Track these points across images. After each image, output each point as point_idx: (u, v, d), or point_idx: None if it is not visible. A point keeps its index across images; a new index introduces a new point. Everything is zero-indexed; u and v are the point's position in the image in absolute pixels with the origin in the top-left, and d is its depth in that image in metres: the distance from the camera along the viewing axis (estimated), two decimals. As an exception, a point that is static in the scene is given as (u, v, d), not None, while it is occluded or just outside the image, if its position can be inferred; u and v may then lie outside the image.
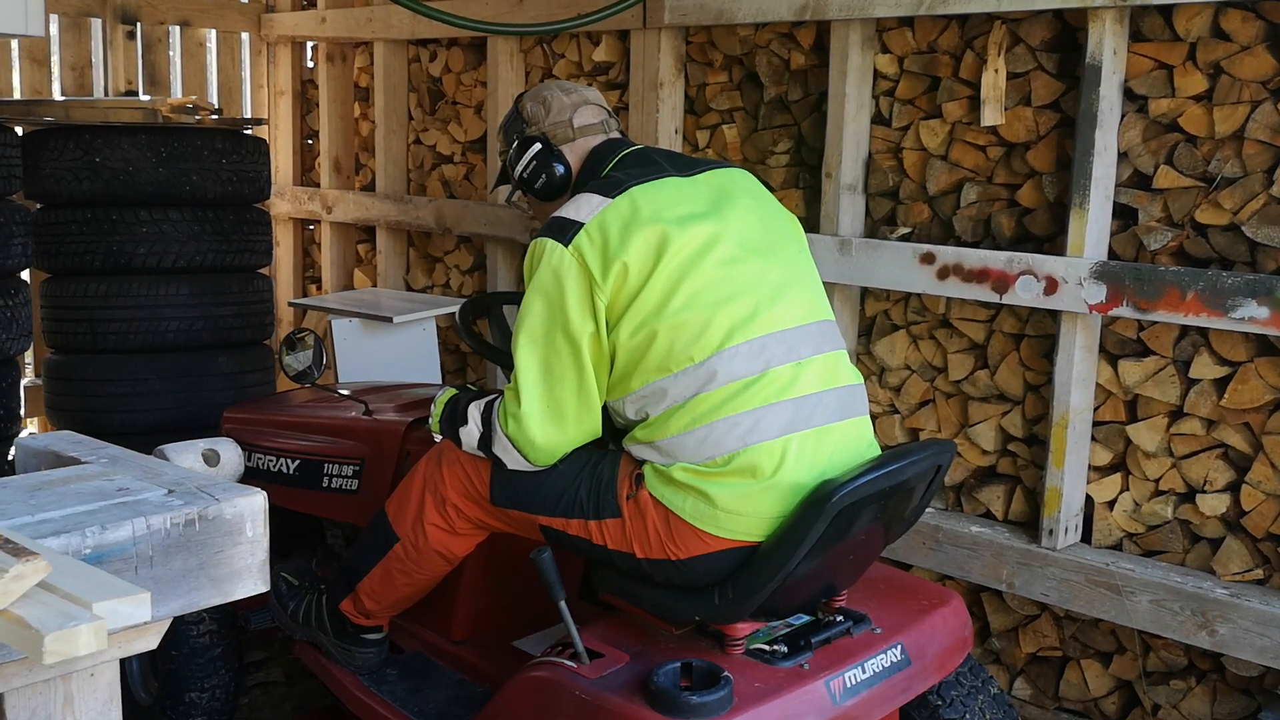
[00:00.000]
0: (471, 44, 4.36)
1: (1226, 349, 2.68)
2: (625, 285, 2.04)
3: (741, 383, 2.01)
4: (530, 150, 2.36)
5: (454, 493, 2.30)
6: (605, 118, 2.42)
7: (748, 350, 2.03)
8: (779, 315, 2.08)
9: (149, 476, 1.48)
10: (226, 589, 1.39)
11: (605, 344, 2.07)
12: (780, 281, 2.13)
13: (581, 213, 2.11)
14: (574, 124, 2.37)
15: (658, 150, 2.35)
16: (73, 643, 1.04)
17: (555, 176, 2.35)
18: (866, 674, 2.08)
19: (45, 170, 3.81)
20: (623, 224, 2.06)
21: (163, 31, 4.91)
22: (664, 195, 2.13)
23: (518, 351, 2.12)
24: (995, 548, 2.97)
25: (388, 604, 2.45)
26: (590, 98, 2.43)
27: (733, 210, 2.16)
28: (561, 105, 2.38)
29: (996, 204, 3.05)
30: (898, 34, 3.16)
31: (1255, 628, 2.58)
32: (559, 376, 2.09)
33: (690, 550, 2.02)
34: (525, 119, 2.40)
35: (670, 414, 2.03)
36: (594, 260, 2.05)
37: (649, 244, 2.05)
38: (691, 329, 2.02)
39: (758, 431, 2.00)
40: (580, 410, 2.11)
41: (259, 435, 2.97)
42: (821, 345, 2.13)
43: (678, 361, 2.02)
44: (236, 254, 4.01)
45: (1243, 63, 2.62)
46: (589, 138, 2.38)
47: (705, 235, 2.08)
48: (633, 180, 2.15)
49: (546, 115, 2.38)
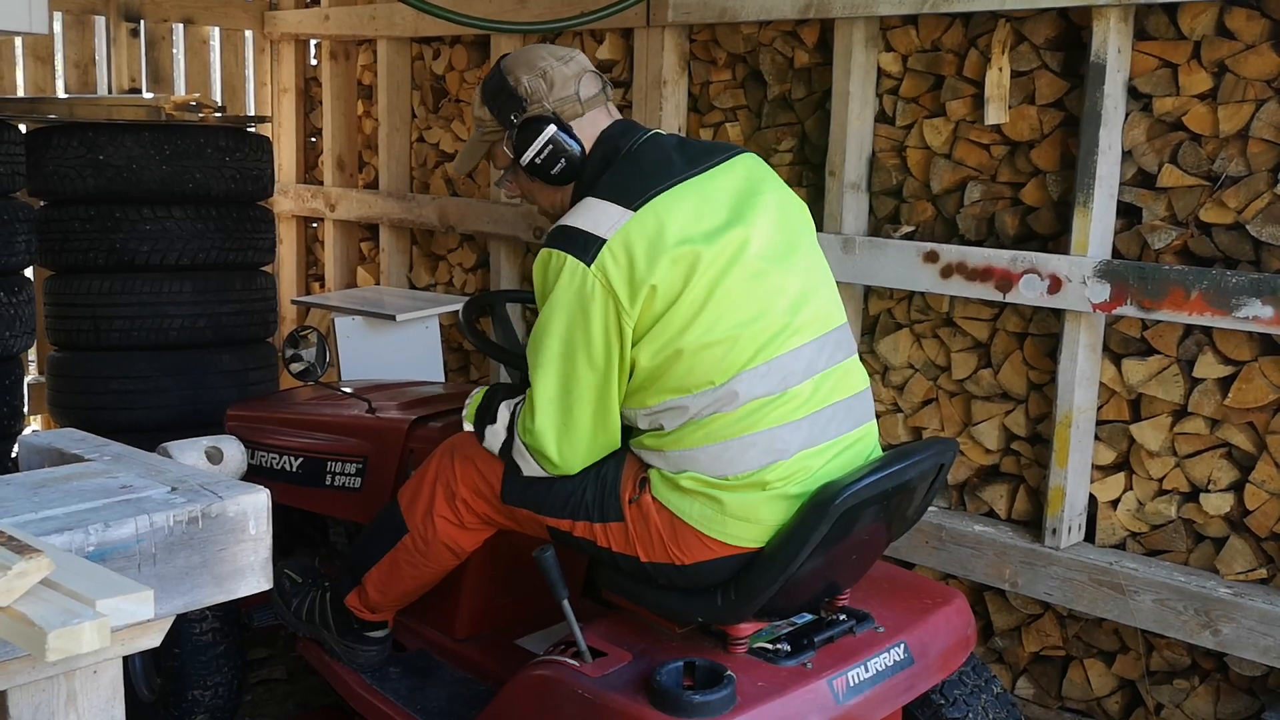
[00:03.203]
0: (475, 42, 4.36)
1: (1230, 348, 2.68)
2: (652, 307, 1.97)
3: (760, 401, 1.99)
4: (544, 134, 2.17)
5: (465, 488, 2.29)
6: (603, 85, 2.27)
7: (767, 370, 2.00)
8: (799, 330, 2.05)
9: (152, 474, 1.48)
10: (229, 586, 1.40)
11: (628, 362, 2.03)
12: (800, 291, 2.09)
13: (601, 226, 2.00)
14: (580, 97, 2.21)
15: (669, 138, 2.23)
16: (76, 640, 1.04)
17: (573, 158, 2.18)
18: (869, 673, 2.09)
19: (49, 167, 3.82)
20: (649, 244, 1.97)
21: (166, 29, 4.91)
22: (686, 208, 2.03)
23: (535, 370, 2.06)
24: (998, 547, 2.97)
25: (393, 597, 2.45)
26: (585, 63, 2.26)
27: (753, 210, 2.08)
28: (564, 78, 2.20)
29: (1000, 202, 3.05)
30: (901, 32, 3.16)
31: (1259, 627, 2.58)
32: (577, 396, 2.05)
33: (694, 555, 2.02)
34: (525, 95, 2.20)
35: (685, 428, 2.02)
36: (620, 284, 1.96)
37: (678, 267, 1.97)
38: (717, 351, 1.98)
39: (773, 452, 1.99)
40: (597, 428, 2.08)
41: (262, 433, 2.98)
42: (836, 355, 2.12)
43: (698, 383, 1.99)
44: (240, 251, 4.01)
45: (1247, 61, 2.61)
46: (596, 111, 2.22)
47: (732, 248, 2.01)
48: (652, 189, 2.04)
49: (550, 90, 2.19)
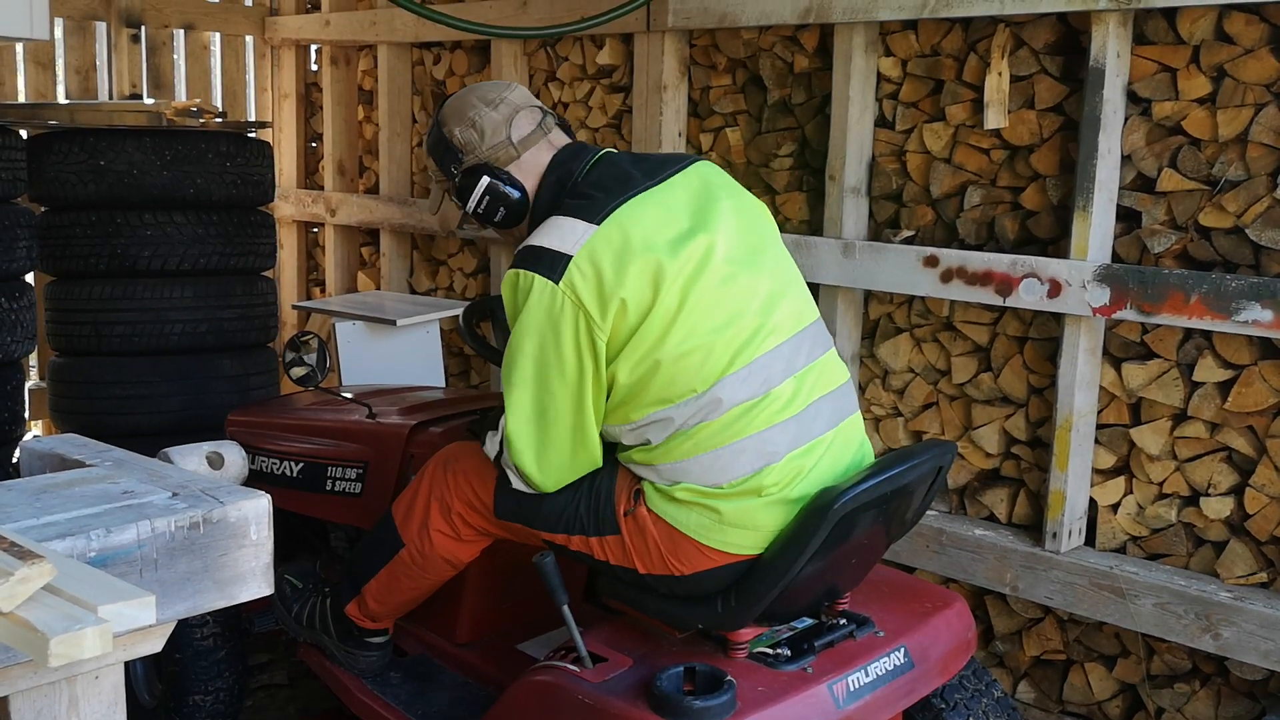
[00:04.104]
0: (475, 47, 4.37)
1: (1230, 352, 2.68)
2: (625, 320, 1.96)
3: (744, 406, 1.99)
4: (479, 185, 2.18)
5: (459, 502, 2.29)
6: (541, 118, 2.23)
7: (748, 374, 2.00)
8: (775, 329, 2.05)
9: (153, 479, 1.48)
10: (231, 592, 1.40)
11: (604, 379, 2.01)
12: (770, 292, 2.09)
13: (567, 243, 1.98)
14: (513, 140, 2.19)
15: (622, 155, 2.21)
16: (78, 645, 1.04)
17: (513, 204, 2.18)
18: (870, 677, 2.08)
19: (50, 173, 3.82)
20: (615, 256, 1.96)
21: (167, 35, 4.92)
22: (649, 216, 2.02)
23: (509, 391, 2.04)
24: (999, 551, 2.97)
25: (393, 607, 2.45)
26: (518, 101, 2.22)
27: (715, 216, 2.08)
28: (494, 124, 2.19)
29: (1000, 207, 3.05)
30: (901, 37, 3.16)
31: (1259, 631, 2.58)
32: (553, 418, 2.04)
33: (693, 565, 2.02)
34: (458, 148, 2.21)
35: (672, 440, 2.01)
36: (590, 298, 1.95)
37: (645, 277, 1.95)
38: (694, 359, 1.97)
39: (764, 456, 1.99)
40: (577, 447, 2.07)
41: (263, 438, 2.97)
42: (814, 350, 2.12)
43: (680, 393, 1.98)
44: (240, 257, 4.02)
45: (1246, 66, 2.61)
46: (534, 150, 2.20)
47: (698, 255, 2.01)
48: (613, 200, 2.03)
49: (481, 140, 2.19)
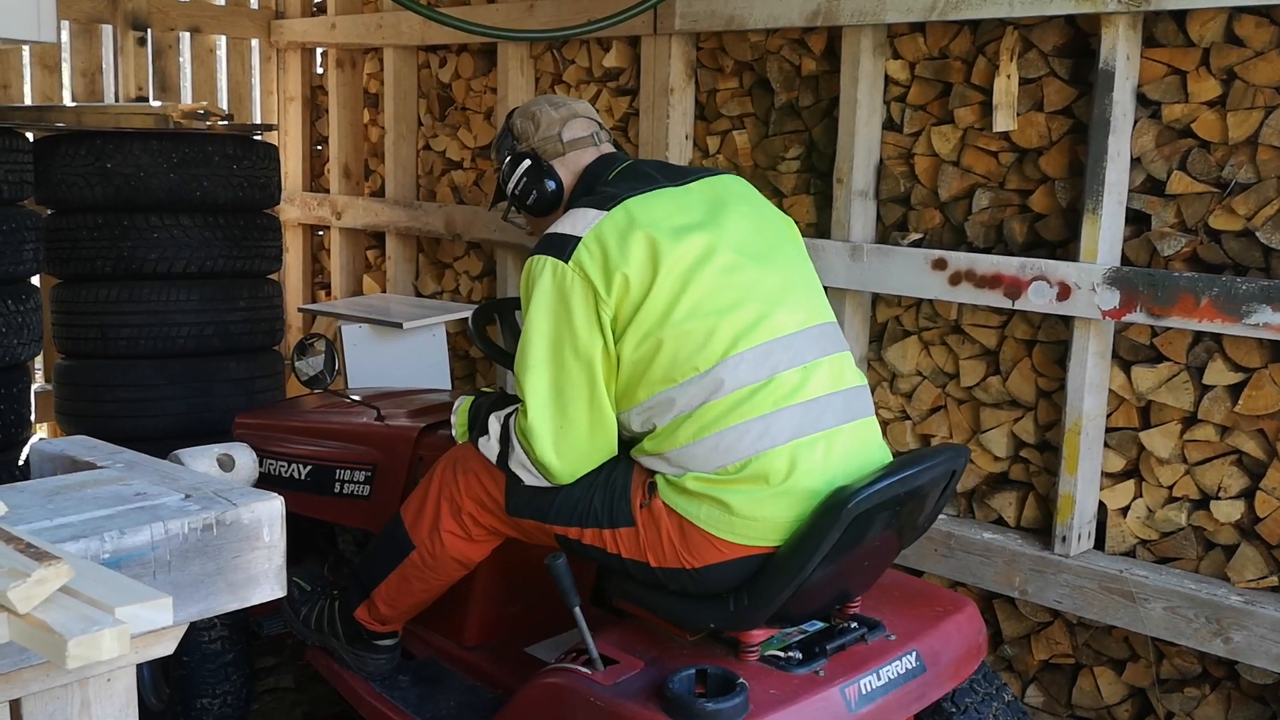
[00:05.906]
0: (481, 50, 4.37)
1: (1240, 355, 2.67)
2: (628, 296, 2.04)
3: (749, 389, 2.01)
4: (521, 166, 2.38)
5: (470, 501, 2.30)
6: (595, 130, 2.42)
7: (753, 357, 2.03)
8: (782, 321, 2.08)
9: (166, 481, 1.48)
10: (244, 594, 1.39)
11: (614, 357, 2.06)
12: (780, 287, 2.14)
13: (578, 227, 2.10)
14: (563, 138, 2.38)
15: (651, 163, 2.37)
16: (96, 647, 1.03)
17: (546, 192, 2.36)
18: (881, 681, 2.08)
19: (56, 176, 3.82)
20: (619, 234, 2.06)
21: (173, 38, 4.92)
22: (659, 206, 2.13)
23: (525, 375, 2.09)
24: (1008, 554, 2.97)
25: (403, 609, 2.45)
26: (579, 110, 2.43)
27: (728, 218, 2.17)
28: (550, 120, 2.39)
29: (1008, 210, 3.04)
30: (909, 39, 3.16)
31: (1270, 635, 2.57)
32: (570, 396, 2.08)
33: (705, 559, 2.02)
34: (515, 135, 2.42)
35: (678, 424, 2.03)
36: (596, 273, 2.05)
37: (645, 252, 2.04)
38: (696, 338, 2.02)
39: (768, 437, 1.99)
40: (595, 428, 2.10)
41: (271, 441, 2.97)
42: (826, 348, 2.13)
43: (683, 371, 2.02)
44: (247, 259, 4.02)
45: (1256, 68, 2.61)
46: (580, 151, 2.38)
47: (703, 245, 2.08)
48: (626, 193, 2.15)
49: (535, 131, 2.39)
